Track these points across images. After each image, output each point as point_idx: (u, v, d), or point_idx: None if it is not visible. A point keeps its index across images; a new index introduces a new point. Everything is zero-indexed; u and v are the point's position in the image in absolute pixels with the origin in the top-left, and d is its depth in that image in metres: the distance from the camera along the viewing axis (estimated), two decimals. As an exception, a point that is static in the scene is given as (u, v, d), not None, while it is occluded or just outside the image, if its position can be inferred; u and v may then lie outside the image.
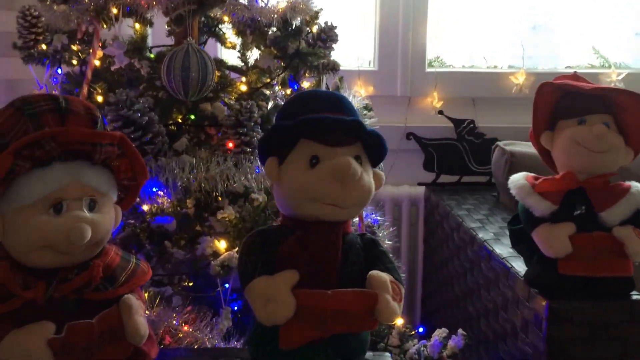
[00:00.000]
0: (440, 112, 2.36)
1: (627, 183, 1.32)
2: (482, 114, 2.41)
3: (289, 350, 0.93)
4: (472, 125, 2.33)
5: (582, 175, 1.29)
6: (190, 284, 1.47)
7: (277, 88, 1.64)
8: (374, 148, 1.01)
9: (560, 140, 1.31)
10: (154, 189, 1.44)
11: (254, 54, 1.74)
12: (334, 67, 1.65)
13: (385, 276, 0.96)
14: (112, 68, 1.54)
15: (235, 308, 1.51)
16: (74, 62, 1.61)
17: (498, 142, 2.09)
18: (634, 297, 1.30)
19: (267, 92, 1.64)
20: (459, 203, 2.07)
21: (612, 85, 2.30)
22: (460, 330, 1.60)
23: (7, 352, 0.88)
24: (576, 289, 1.28)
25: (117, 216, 1.01)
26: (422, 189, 2.38)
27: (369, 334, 1.05)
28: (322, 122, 0.96)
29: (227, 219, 1.41)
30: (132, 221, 1.45)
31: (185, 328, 1.37)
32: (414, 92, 2.45)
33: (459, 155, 2.32)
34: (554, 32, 2.58)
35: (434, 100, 2.41)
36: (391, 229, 1.86)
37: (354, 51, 2.39)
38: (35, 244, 0.89)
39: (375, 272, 0.97)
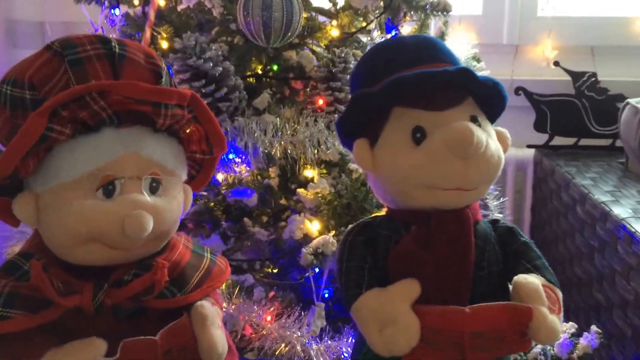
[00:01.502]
0: (556, 64, 2.15)
1: None
2: (603, 66, 2.17)
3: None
4: (593, 79, 2.11)
5: None
6: (275, 271, 1.34)
7: (375, 33, 1.46)
8: (489, 100, 0.83)
9: None
10: (231, 156, 1.31)
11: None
12: (444, 8, 1.45)
13: (537, 281, 0.79)
14: (179, 8, 1.42)
15: (327, 295, 1.34)
16: (135, 1, 1.48)
17: (629, 100, 1.87)
18: None
19: (364, 39, 1.47)
20: (580, 170, 1.88)
21: None
22: (593, 327, 1.40)
23: None
24: None
25: (187, 200, 0.84)
26: (531, 152, 2.19)
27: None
28: (420, 79, 0.77)
29: (319, 194, 1.25)
30: (204, 193, 1.33)
31: (269, 319, 1.22)
32: (523, 40, 2.24)
33: (577, 114, 2.11)
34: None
35: (547, 50, 2.20)
36: (501, 200, 1.69)
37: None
38: (78, 236, 0.72)
39: (522, 277, 0.79)
